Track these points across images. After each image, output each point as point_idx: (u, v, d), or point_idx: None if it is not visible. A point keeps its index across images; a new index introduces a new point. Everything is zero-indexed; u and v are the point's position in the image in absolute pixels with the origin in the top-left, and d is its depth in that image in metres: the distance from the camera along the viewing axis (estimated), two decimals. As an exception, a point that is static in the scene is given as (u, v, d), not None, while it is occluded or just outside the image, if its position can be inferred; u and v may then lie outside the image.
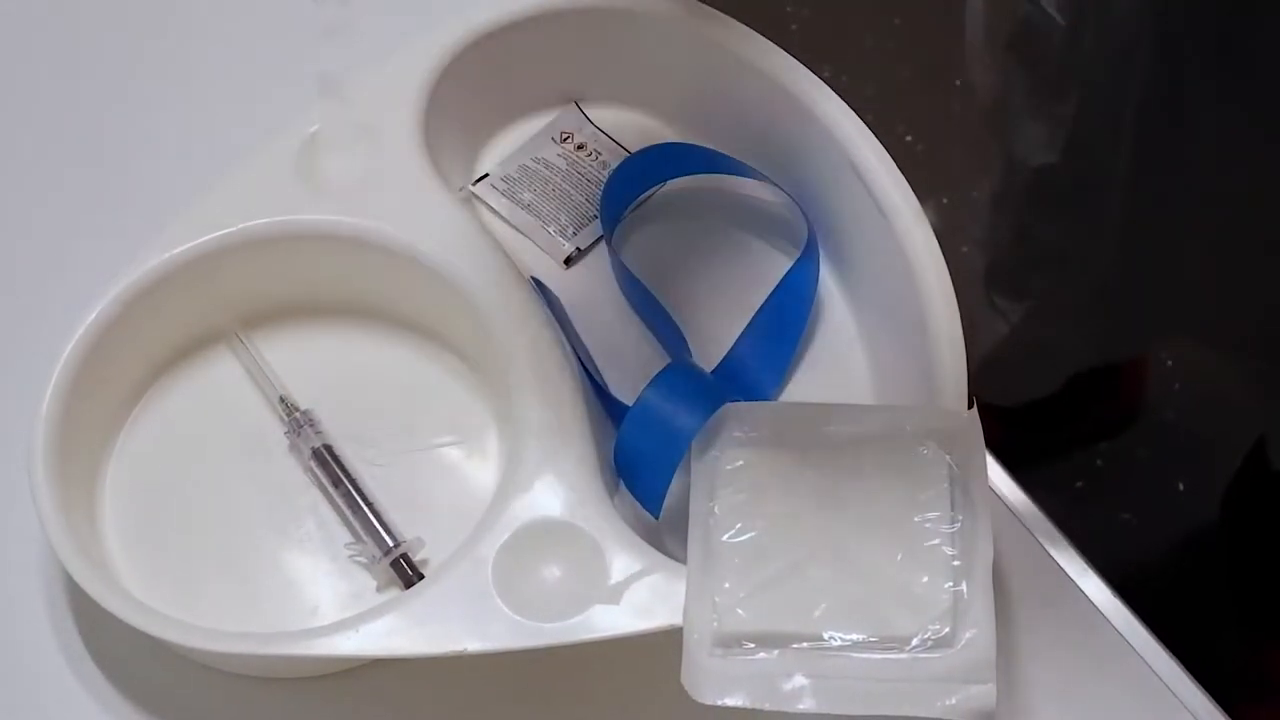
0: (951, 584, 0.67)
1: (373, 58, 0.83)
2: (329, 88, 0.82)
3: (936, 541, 0.68)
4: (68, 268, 0.86)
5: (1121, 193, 1.09)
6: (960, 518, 0.68)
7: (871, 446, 0.70)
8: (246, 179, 0.80)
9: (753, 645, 0.66)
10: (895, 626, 0.66)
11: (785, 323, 0.82)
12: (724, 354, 0.81)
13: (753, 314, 0.82)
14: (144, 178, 0.89)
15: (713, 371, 0.79)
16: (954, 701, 0.65)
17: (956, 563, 0.67)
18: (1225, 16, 0.92)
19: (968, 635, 0.66)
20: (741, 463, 0.70)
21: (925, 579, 0.67)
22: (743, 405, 0.72)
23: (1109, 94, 1.01)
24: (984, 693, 0.65)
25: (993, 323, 1.33)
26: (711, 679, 0.66)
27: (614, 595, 0.68)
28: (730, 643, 0.66)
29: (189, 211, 0.79)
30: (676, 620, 0.67)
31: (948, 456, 0.69)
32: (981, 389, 0.73)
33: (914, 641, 0.66)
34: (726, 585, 0.67)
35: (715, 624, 0.67)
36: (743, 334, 0.81)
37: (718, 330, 0.82)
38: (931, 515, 0.68)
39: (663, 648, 0.68)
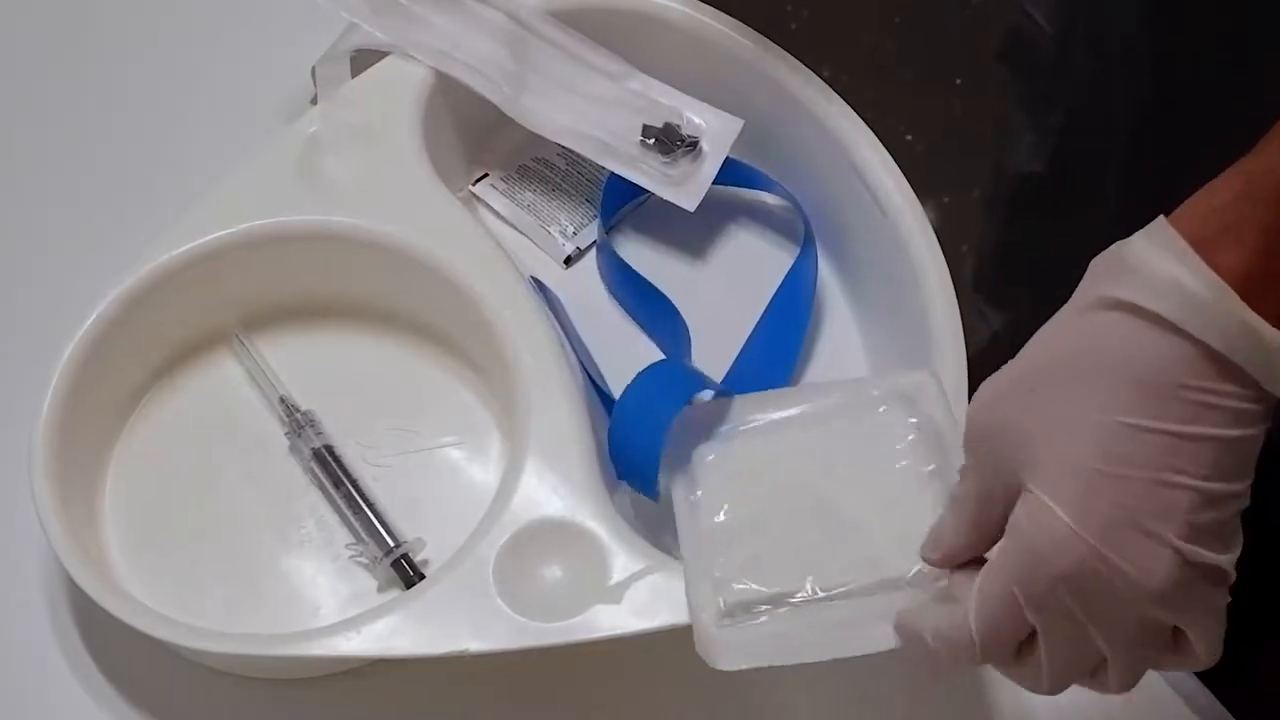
0: (933, 517, 0.67)
1: (372, 58, 0.83)
2: (328, 88, 0.82)
3: (914, 486, 0.69)
4: (68, 268, 0.86)
5: (1109, 205, 1.09)
6: (933, 464, 0.69)
7: (840, 414, 0.71)
8: (247, 180, 0.80)
9: (760, 607, 0.66)
10: (891, 568, 0.66)
11: (787, 324, 0.82)
12: (725, 353, 0.81)
13: (752, 312, 0.82)
14: (143, 179, 0.89)
15: (723, 380, 0.79)
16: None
17: (936, 499, 0.68)
18: (1219, 30, 0.91)
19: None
20: (713, 457, 0.71)
21: (910, 515, 0.67)
22: (709, 401, 0.73)
23: (1098, 105, 1.01)
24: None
25: (977, 329, 1.32)
26: (726, 648, 0.66)
27: (615, 595, 0.68)
28: (736, 612, 0.66)
29: (189, 212, 0.79)
30: (678, 619, 0.67)
31: (912, 417, 0.70)
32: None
33: (910, 574, 0.66)
34: (722, 559, 0.68)
35: (718, 598, 0.67)
36: (748, 340, 0.81)
37: (718, 330, 0.82)
38: (905, 464, 0.69)
39: (664, 647, 0.68)
